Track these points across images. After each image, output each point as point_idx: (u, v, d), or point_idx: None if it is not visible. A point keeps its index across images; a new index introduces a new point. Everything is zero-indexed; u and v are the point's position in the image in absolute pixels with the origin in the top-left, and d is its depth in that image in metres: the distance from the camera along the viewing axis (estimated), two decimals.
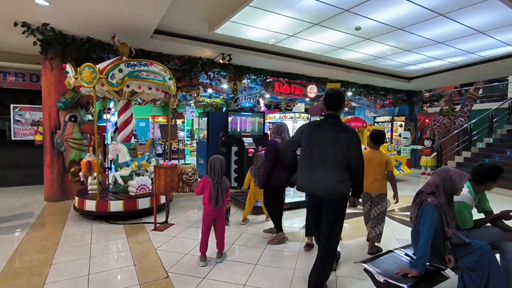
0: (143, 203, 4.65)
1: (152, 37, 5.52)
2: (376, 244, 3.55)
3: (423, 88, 11.67)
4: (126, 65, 4.31)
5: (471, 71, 7.73)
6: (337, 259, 3.20)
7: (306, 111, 13.28)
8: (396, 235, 4.14)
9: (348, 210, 3.03)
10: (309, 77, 8.99)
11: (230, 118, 6.94)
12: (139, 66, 4.41)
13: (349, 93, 10.73)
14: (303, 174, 2.66)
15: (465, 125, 10.56)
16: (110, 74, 4.22)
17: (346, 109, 17.30)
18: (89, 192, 4.85)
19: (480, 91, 11.28)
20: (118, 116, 5.16)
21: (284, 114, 11.47)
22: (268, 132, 8.14)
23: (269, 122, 9.80)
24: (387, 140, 11.39)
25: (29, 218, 4.64)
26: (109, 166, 5.49)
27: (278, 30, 5.28)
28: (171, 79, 4.91)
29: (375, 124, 13.32)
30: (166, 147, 9.79)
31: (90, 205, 4.46)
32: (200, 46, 6.07)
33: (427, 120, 13.39)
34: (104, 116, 14.22)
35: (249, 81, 8.49)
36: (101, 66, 4.41)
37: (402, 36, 5.31)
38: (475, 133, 10.81)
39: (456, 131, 10.66)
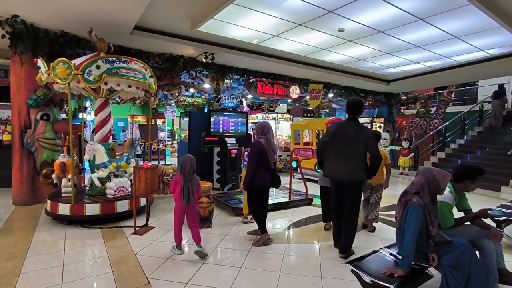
0: (122, 206, 4.45)
1: (132, 33, 5.31)
2: (373, 224, 4.39)
3: (401, 90, 12.05)
4: (104, 61, 4.10)
5: (445, 75, 8.06)
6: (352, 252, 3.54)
7: (289, 112, 13.40)
8: (379, 235, 4.19)
9: None
10: (292, 78, 9.03)
11: (212, 118, 6.82)
12: (118, 62, 4.22)
13: (330, 95, 10.90)
14: (329, 164, 3.41)
15: (440, 127, 10.99)
16: (87, 70, 4.01)
17: (327, 110, 17.60)
18: (63, 195, 4.57)
19: (453, 95, 11.82)
20: (95, 115, 4.92)
21: (267, 115, 11.50)
22: (252, 133, 8.09)
23: (252, 123, 9.75)
24: None
25: None
26: (84, 167, 5.22)
27: (262, 29, 5.24)
28: (152, 77, 4.74)
29: None
30: (146, 148, 9.50)
31: (64, 208, 4.20)
32: (182, 44, 5.91)
33: (404, 122, 13.87)
34: (80, 115, 13.67)
35: (231, 81, 8.41)
36: (76, 62, 4.18)
37: (383, 39, 5.43)
38: (449, 134, 11.29)
39: (431, 133, 11.08)
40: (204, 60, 6.54)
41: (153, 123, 13.02)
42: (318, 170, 4.87)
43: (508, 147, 8.17)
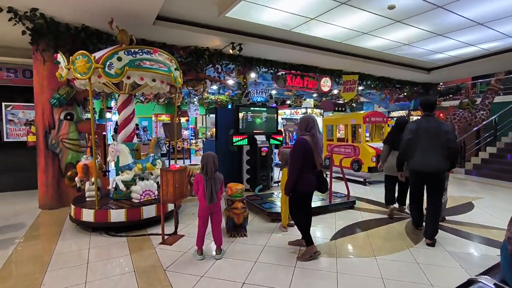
0: (149, 212, 4.07)
1: (155, 23, 4.92)
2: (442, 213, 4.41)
3: (441, 80, 11.03)
4: (126, 52, 3.71)
5: (502, 59, 7.08)
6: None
7: (316, 107, 12.68)
8: (447, 248, 3.52)
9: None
10: (323, 70, 8.37)
11: (241, 114, 6.33)
12: (141, 54, 3.82)
13: (361, 87, 10.08)
14: (417, 158, 3.68)
15: (491, 118, 9.87)
16: (108, 63, 3.63)
17: (354, 104, 16.67)
18: (87, 199, 4.27)
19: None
20: (118, 113, 4.58)
21: (295, 110, 10.89)
22: (282, 129, 7.53)
23: (282, 118, 9.17)
24: None
25: (19, 230, 4.08)
26: (108, 169, 4.91)
27: (297, 11, 4.64)
28: (177, 69, 4.32)
29: (391, 119, 12.69)
30: (172, 147, 9.22)
31: (88, 214, 3.88)
32: (207, 34, 5.47)
33: (441, 115, 12.73)
34: (107, 115, 13.71)
35: (257, 74, 7.87)
36: (97, 55, 3.81)
37: (439, 16, 4.66)
38: (499, 127, 10.14)
39: (480, 125, 9.98)
40: (231, 51, 6.05)
41: (177, 121, 12.79)
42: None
43: None
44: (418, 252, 3.38)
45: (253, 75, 7.57)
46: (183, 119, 14.17)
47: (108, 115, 13.24)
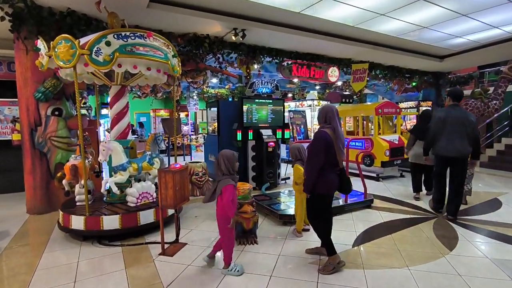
0: (146, 217, 3.63)
1: (149, 6, 4.42)
2: (467, 197, 4.91)
3: (452, 68, 10.51)
4: (115, 36, 3.22)
5: None
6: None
7: (321, 99, 12.16)
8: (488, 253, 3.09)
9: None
10: (330, 59, 7.85)
11: (245, 107, 5.85)
12: (133, 38, 3.32)
13: (367, 78, 9.55)
14: (444, 143, 4.03)
15: (506, 108, 9.39)
16: (95, 49, 3.15)
17: (355, 97, 16.15)
18: (77, 204, 3.82)
19: None
20: (110, 107, 4.10)
21: (300, 102, 10.39)
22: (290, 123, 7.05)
23: (289, 111, 8.68)
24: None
25: (2, 239, 3.63)
26: (101, 170, 4.46)
27: None
28: (175, 56, 3.82)
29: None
30: (171, 143, 8.75)
31: (78, 222, 3.43)
32: (208, 19, 4.96)
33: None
34: (102, 112, 13.19)
35: (260, 65, 7.35)
36: (83, 40, 3.31)
37: None
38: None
39: (494, 116, 9.49)
40: (233, 38, 5.54)
41: (176, 116, 12.30)
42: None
43: None
44: (456, 261, 2.94)
45: (255, 66, 7.07)
46: (182, 114, 13.68)
47: (104, 111, 12.75)
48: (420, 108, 11.55)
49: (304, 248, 3.23)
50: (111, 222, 3.42)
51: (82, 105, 7.79)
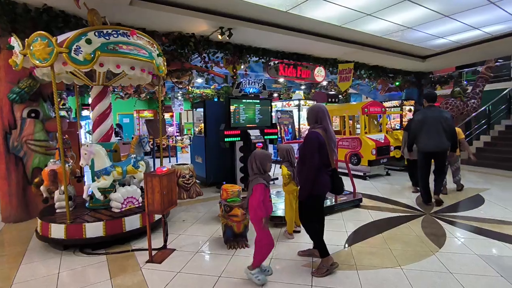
0: (132, 223, 3.47)
1: (132, 3, 4.22)
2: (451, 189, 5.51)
3: (435, 68, 10.82)
4: (96, 34, 3.06)
5: (498, 45, 6.81)
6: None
7: (307, 99, 12.22)
8: (474, 250, 3.14)
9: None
10: (316, 58, 7.85)
11: (232, 107, 5.76)
12: (115, 35, 3.16)
13: (352, 78, 9.66)
14: (425, 140, 4.53)
15: (484, 107, 9.75)
16: (74, 47, 2.97)
17: (341, 96, 16.36)
18: (57, 211, 3.62)
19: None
20: (92, 108, 3.91)
21: (287, 102, 10.39)
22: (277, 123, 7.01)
23: (276, 111, 8.65)
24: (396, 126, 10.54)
25: None
26: (83, 174, 4.25)
27: None
28: (160, 55, 3.69)
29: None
30: (156, 144, 8.53)
31: (58, 230, 3.24)
32: (193, 17, 4.81)
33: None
34: (83, 113, 12.72)
35: (246, 66, 7.27)
36: (61, 37, 3.13)
37: None
38: (492, 115, 10.05)
39: (473, 114, 9.84)
40: (219, 37, 5.43)
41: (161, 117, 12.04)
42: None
43: None
44: (447, 258, 2.97)
45: (242, 66, 6.98)
46: (167, 115, 13.41)
47: (85, 112, 12.31)
48: (404, 107, 11.84)
49: (296, 250, 3.18)
50: (94, 229, 3.25)
51: (61, 107, 7.47)
